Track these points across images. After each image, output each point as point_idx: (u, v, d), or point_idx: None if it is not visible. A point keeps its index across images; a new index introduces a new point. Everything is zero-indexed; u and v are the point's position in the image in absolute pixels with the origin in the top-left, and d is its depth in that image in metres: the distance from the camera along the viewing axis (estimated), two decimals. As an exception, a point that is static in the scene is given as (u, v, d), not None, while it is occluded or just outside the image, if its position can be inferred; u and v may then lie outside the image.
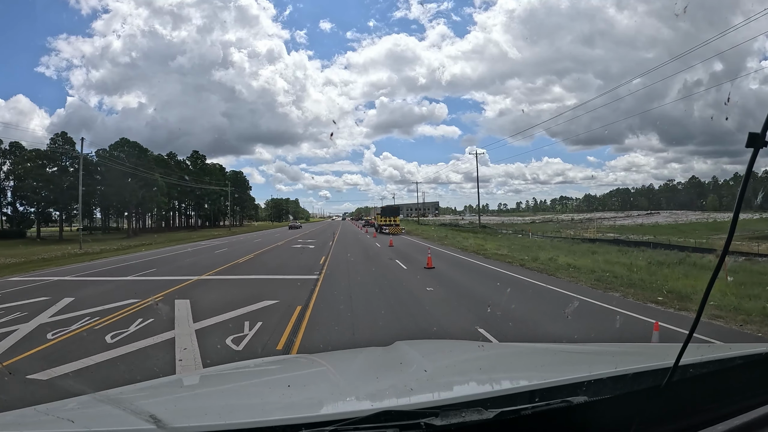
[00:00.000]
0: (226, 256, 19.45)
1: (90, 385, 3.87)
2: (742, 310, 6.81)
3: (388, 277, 11.58)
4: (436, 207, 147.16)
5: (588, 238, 38.74)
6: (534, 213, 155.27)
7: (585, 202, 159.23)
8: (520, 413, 1.01)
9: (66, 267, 17.23)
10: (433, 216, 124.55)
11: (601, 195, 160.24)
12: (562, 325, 6.34)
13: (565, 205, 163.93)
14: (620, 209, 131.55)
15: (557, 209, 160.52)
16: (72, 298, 9.04)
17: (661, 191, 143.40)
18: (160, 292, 9.47)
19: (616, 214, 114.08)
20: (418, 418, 0.97)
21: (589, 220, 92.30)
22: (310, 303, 8.03)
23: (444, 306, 7.83)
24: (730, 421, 1.05)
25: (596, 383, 1.13)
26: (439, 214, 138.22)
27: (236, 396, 1.47)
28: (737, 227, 0.84)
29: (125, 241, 37.88)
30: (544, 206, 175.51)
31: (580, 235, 45.01)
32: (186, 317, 7.01)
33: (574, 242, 29.42)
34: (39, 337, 6.08)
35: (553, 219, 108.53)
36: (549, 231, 54.14)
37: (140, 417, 1.03)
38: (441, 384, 1.49)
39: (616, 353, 1.93)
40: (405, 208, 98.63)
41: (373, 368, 1.84)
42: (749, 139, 0.73)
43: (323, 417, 1.04)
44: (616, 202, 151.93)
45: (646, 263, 13.62)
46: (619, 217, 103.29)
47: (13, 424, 1.14)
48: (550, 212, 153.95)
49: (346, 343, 5.50)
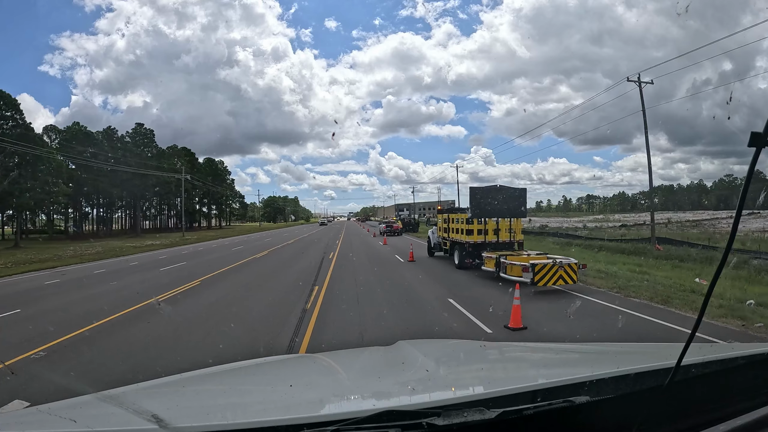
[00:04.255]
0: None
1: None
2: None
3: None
4: (449, 206, 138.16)
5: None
6: (564, 213, 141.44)
7: (616, 201, 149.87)
8: (522, 413, 1.01)
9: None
10: (432, 217, 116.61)
11: (633, 194, 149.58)
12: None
13: (591, 204, 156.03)
14: (663, 208, 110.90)
15: (584, 209, 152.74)
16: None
17: (719, 188, 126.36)
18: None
19: (693, 214, 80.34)
20: (420, 418, 0.97)
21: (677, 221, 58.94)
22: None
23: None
24: (732, 421, 1.04)
25: (598, 383, 1.13)
26: (436, 215, 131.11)
27: (238, 395, 1.47)
28: (737, 228, 0.83)
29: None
30: (570, 206, 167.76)
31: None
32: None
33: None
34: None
35: (611, 220, 75.84)
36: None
37: (142, 417, 1.03)
38: (443, 384, 1.49)
39: (618, 353, 1.93)
40: (416, 208, 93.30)
41: (375, 368, 1.84)
42: (752, 138, 0.73)
43: (325, 417, 1.05)
44: (659, 201, 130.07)
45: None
46: (720, 217, 62.92)
47: (15, 424, 1.15)
48: (577, 213, 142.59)
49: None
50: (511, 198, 12.37)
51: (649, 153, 20.94)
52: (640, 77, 20.69)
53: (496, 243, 12.49)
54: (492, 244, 12.44)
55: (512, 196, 12.45)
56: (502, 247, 12.21)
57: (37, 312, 8.53)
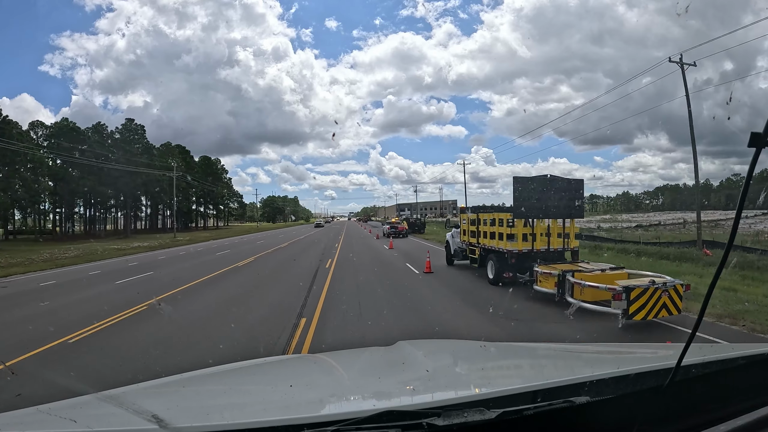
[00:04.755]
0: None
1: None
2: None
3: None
4: (455, 206, 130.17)
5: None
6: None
7: (620, 201, 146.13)
8: (522, 413, 1.01)
9: None
10: (452, 216, 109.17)
11: (636, 194, 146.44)
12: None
13: (595, 204, 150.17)
14: (671, 208, 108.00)
15: (588, 209, 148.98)
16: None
17: (725, 187, 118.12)
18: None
19: (704, 214, 63.09)
20: (421, 418, 0.97)
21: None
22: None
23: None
24: (732, 421, 1.04)
25: (598, 383, 1.14)
26: (458, 215, 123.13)
27: (238, 395, 1.47)
28: (737, 228, 0.83)
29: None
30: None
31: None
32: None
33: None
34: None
35: (619, 219, 73.29)
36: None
37: (142, 417, 1.03)
38: (443, 384, 1.50)
39: (618, 353, 1.94)
40: (418, 208, 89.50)
41: (375, 368, 1.84)
42: (751, 138, 0.73)
43: (325, 417, 1.05)
44: (666, 200, 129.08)
45: None
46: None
47: (15, 424, 1.14)
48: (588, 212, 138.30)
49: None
50: (565, 192, 9.57)
51: (694, 143, 18.87)
52: (682, 58, 18.78)
53: (546, 252, 9.64)
54: (542, 254, 9.55)
55: (566, 189, 9.63)
56: (553, 257, 9.52)
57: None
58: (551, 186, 9.54)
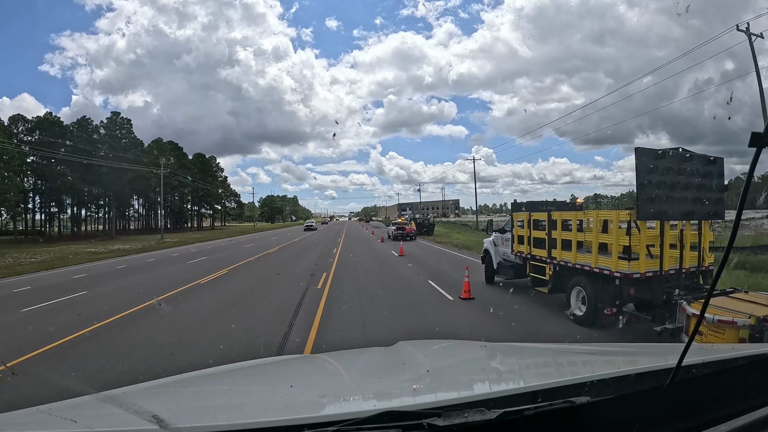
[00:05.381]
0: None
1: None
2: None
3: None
4: (456, 206, 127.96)
5: None
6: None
7: (625, 200, 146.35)
8: (522, 414, 1.01)
9: None
10: (455, 216, 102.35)
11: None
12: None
13: (599, 204, 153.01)
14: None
15: (592, 209, 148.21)
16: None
17: (732, 187, 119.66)
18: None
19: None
20: (421, 419, 0.97)
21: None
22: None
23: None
24: (733, 421, 1.05)
25: (599, 384, 1.14)
26: (460, 215, 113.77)
27: (239, 396, 1.48)
28: (737, 228, 0.84)
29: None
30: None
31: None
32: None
33: None
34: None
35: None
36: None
37: (143, 417, 1.04)
38: (443, 384, 1.50)
39: (618, 353, 1.94)
40: (419, 207, 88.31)
41: (375, 368, 1.84)
42: (752, 138, 0.73)
43: (326, 417, 1.05)
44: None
45: None
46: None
47: (15, 424, 1.14)
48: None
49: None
50: (702, 178, 6.21)
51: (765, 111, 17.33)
52: (749, 27, 17.18)
53: (677, 273, 6.17)
54: (672, 277, 6.09)
55: (704, 173, 6.24)
56: (682, 283, 5.98)
57: None
58: (687, 166, 6.15)
